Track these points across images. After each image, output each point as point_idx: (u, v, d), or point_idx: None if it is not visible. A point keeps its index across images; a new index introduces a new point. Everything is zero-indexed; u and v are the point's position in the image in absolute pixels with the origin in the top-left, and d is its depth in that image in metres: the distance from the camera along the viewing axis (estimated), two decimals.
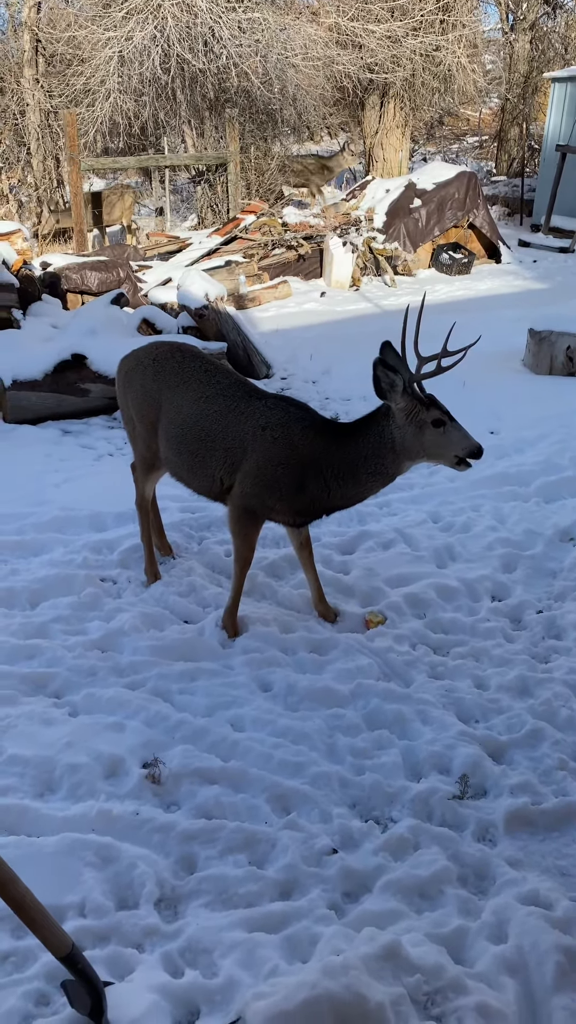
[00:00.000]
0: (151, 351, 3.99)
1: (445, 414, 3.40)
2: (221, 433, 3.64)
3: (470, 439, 3.40)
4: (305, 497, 3.60)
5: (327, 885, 2.58)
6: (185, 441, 3.74)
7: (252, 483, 3.60)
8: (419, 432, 3.40)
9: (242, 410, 3.63)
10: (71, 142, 12.04)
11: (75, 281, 8.90)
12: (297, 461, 3.53)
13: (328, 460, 3.52)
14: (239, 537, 3.75)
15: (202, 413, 3.69)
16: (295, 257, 11.60)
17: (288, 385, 7.86)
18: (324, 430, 3.58)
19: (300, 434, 3.54)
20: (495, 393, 7.16)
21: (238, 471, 3.63)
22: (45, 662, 3.57)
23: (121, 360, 4.12)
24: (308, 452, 3.52)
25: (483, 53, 18.91)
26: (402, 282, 11.73)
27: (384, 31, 13.57)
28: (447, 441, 3.40)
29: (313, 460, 3.53)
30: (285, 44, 12.83)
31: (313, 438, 3.54)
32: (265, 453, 3.55)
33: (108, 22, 12.75)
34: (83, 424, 6.75)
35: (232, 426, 3.62)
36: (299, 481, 3.55)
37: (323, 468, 3.53)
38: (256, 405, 3.63)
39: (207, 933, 2.40)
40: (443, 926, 2.43)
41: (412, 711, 3.31)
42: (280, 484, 3.57)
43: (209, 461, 3.69)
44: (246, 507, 3.66)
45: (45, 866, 2.56)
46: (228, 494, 3.72)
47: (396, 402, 3.40)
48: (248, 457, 3.59)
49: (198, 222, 15.72)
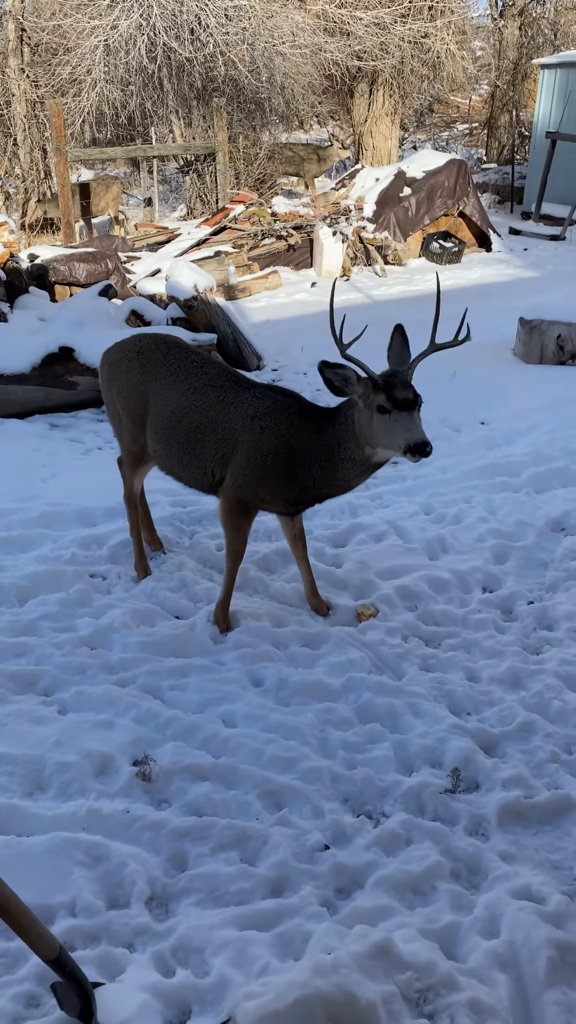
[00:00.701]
0: (135, 344, 3.95)
1: (393, 401, 3.23)
2: (211, 425, 3.61)
3: (413, 432, 3.21)
4: (295, 486, 3.57)
5: (319, 882, 2.57)
6: (175, 434, 3.71)
7: (243, 474, 3.57)
8: (370, 416, 3.30)
9: (231, 401, 3.60)
10: (58, 132, 11.93)
11: (63, 273, 8.83)
12: (286, 450, 3.50)
13: (312, 447, 3.48)
14: (231, 530, 3.72)
15: (191, 405, 3.66)
16: (285, 247, 11.54)
17: (279, 376, 7.82)
18: (310, 416, 3.54)
19: (287, 422, 3.51)
20: (485, 383, 7.14)
21: (230, 462, 3.60)
22: (34, 659, 3.54)
23: (104, 353, 4.08)
24: (296, 440, 3.49)
25: (472, 40, 18.82)
26: (392, 271, 11.68)
27: (372, 18, 13.46)
28: (389, 429, 3.25)
29: (301, 447, 3.49)
30: (272, 32, 12.72)
31: (300, 425, 3.51)
32: (255, 443, 3.53)
33: (93, 10, 12.62)
34: (71, 417, 6.70)
35: (222, 417, 3.59)
36: (289, 470, 3.52)
37: (308, 455, 3.49)
38: (245, 395, 3.60)
39: (198, 932, 2.39)
40: (435, 922, 2.42)
41: (404, 704, 3.30)
42: (271, 474, 3.54)
43: (200, 453, 3.66)
44: (238, 499, 3.63)
45: (35, 866, 2.55)
46: (220, 486, 3.70)
47: (355, 391, 3.34)
48: (239, 448, 3.56)
49: (187, 212, 15.62)
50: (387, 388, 3.26)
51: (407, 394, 3.26)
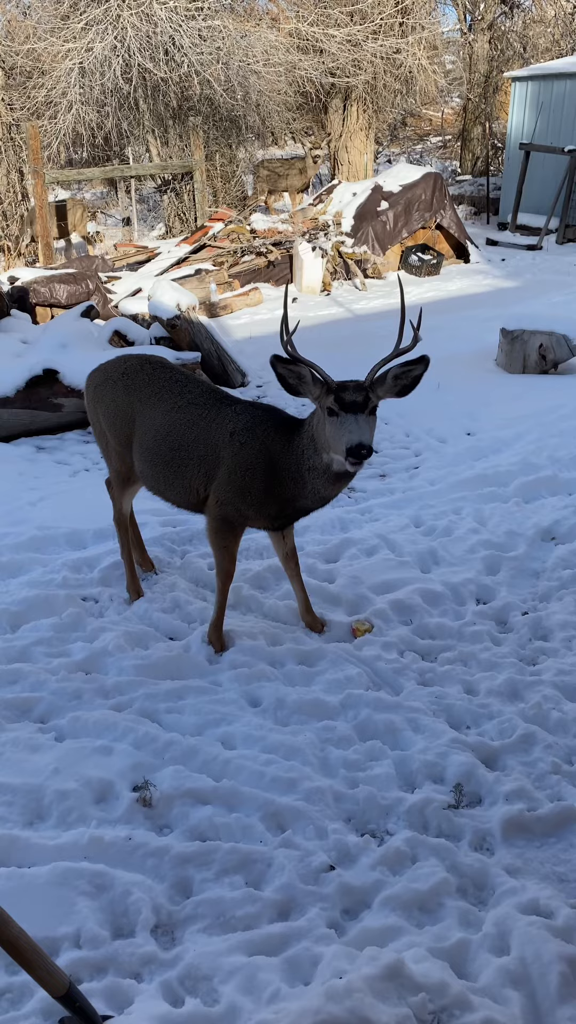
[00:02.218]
0: (120, 365, 3.95)
1: (341, 403, 3.13)
2: (194, 443, 3.61)
3: (353, 433, 3.09)
4: (274, 500, 3.56)
5: (326, 903, 2.55)
6: (160, 453, 3.70)
7: (225, 491, 3.57)
8: (323, 420, 3.23)
9: (213, 418, 3.60)
10: (34, 155, 11.95)
11: (43, 295, 8.82)
12: (264, 464, 3.49)
13: (284, 458, 3.46)
14: (219, 549, 3.71)
15: (175, 423, 3.66)
16: (265, 263, 11.59)
17: (264, 392, 7.83)
18: (285, 428, 3.51)
19: (264, 436, 3.50)
20: (470, 394, 7.18)
21: (213, 480, 3.60)
22: (28, 686, 3.51)
23: (89, 375, 4.07)
24: (272, 453, 3.48)
25: (443, 54, 19.04)
26: (372, 285, 11.75)
27: (344, 35, 13.60)
28: (335, 431, 3.15)
29: (276, 460, 3.48)
30: (246, 51, 12.82)
31: (275, 438, 3.49)
32: (234, 459, 3.53)
33: (67, 34, 12.68)
34: (57, 440, 6.68)
35: (204, 435, 3.59)
36: (267, 484, 3.51)
37: (281, 467, 3.47)
38: (226, 412, 3.60)
39: (206, 959, 2.36)
40: (445, 940, 2.40)
41: (403, 720, 3.28)
42: (251, 489, 3.53)
43: (185, 472, 3.66)
44: (222, 517, 3.62)
45: (38, 897, 2.51)
46: (206, 505, 3.69)
47: (311, 392, 3.27)
48: (220, 465, 3.56)
49: (166, 231, 15.67)
50: (338, 390, 3.19)
51: (356, 396, 3.16)
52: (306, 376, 3.26)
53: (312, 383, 3.28)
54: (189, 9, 12.62)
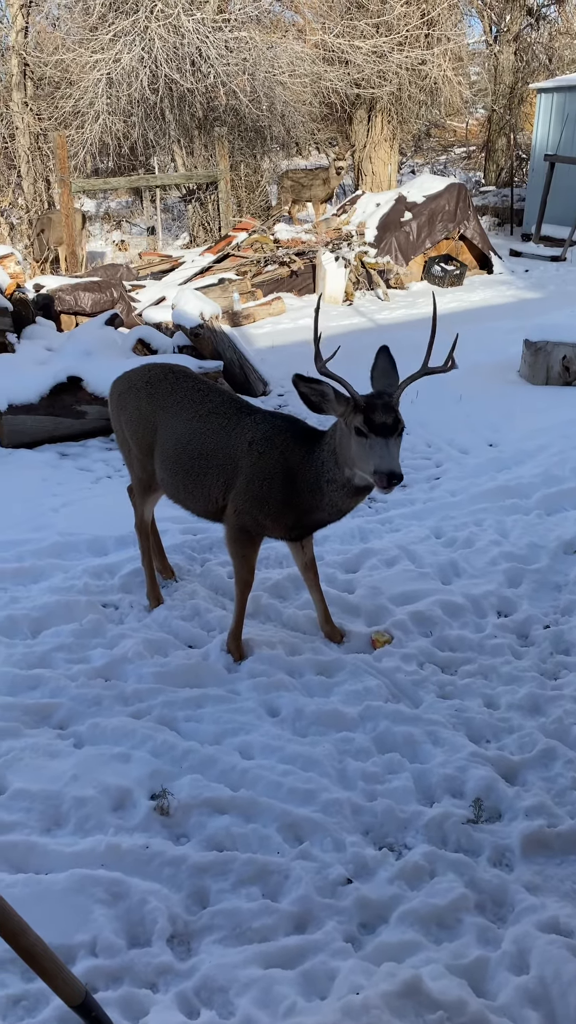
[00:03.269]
0: (144, 373, 3.97)
1: (371, 425, 3.10)
2: (214, 451, 3.61)
3: (384, 460, 3.07)
4: (292, 511, 3.55)
5: (343, 916, 2.53)
6: (180, 461, 3.71)
7: (243, 500, 3.57)
8: (349, 437, 3.19)
9: (233, 427, 3.61)
10: (61, 164, 12.07)
11: (68, 302, 8.90)
12: (282, 474, 3.48)
13: (303, 469, 3.45)
14: (237, 558, 3.71)
15: (196, 432, 3.67)
16: (288, 273, 11.61)
17: (285, 402, 7.84)
18: (304, 439, 3.49)
19: (283, 446, 3.49)
20: (492, 405, 7.14)
21: (232, 489, 3.60)
22: (48, 692, 3.52)
23: (113, 383, 4.10)
24: (291, 463, 3.47)
25: (468, 65, 19.04)
26: (395, 295, 11.74)
27: (370, 47, 13.64)
28: (363, 453, 3.13)
29: (294, 471, 3.47)
30: (272, 62, 12.89)
31: (294, 448, 3.48)
32: (252, 468, 3.53)
33: (96, 45, 12.81)
34: (80, 446, 6.71)
35: (224, 443, 3.60)
36: (285, 495, 3.50)
37: (300, 478, 3.46)
38: (245, 421, 3.61)
39: (222, 970, 2.35)
40: (463, 957, 2.38)
41: (422, 733, 3.26)
42: (268, 499, 3.53)
43: (205, 480, 3.66)
44: (240, 526, 3.62)
45: (54, 904, 2.51)
46: (224, 514, 3.70)
47: (335, 410, 3.23)
48: (239, 474, 3.56)
49: (190, 240, 15.76)
50: (367, 410, 3.13)
51: (386, 419, 3.12)
52: (329, 394, 3.21)
53: (336, 400, 3.22)
54: (216, 21, 12.72)
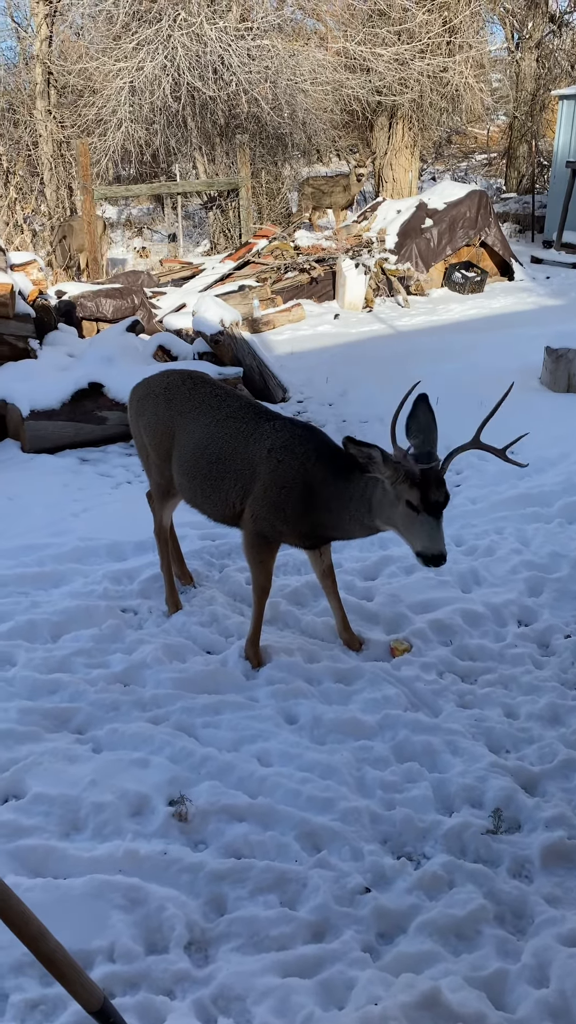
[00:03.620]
0: (162, 379, 3.99)
1: (426, 503, 3.13)
2: (232, 456, 3.62)
3: (436, 543, 3.14)
4: (307, 521, 3.55)
5: (360, 926, 2.52)
6: (198, 466, 3.72)
7: (260, 506, 3.57)
8: (395, 503, 3.22)
9: (251, 432, 3.61)
10: (84, 171, 12.16)
11: (90, 309, 8.95)
12: (300, 484, 3.48)
13: (324, 490, 3.46)
14: (255, 564, 3.72)
15: (213, 437, 3.68)
16: (308, 280, 11.63)
17: (304, 408, 7.85)
18: (328, 456, 3.49)
19: (303, 457, 3.50)
20: (513, 412, 7.06)
21: (249, 494, 3.60)
22: (68, 697, 3.53)
23: (133, 389, 4.12)
24: (310, 477, 3.48)
25: (490, 72, 19.01)
26: (415, 302, 11.72)
27: (392, 54, 13.65)
28: (413, 528, 3.18)
29: (313, 486, 3.48)
30: (294, 70, 12.92)
31: (316, 463, 3.48)
32: (270, 475, 3.53)
33: (119, 53, 12.90)
34: (100, 452, 6.75)
35: (242, 449, 3.60)
36: (302, 505, 3.51)
37: (319, 496, 3.47)
38: (264, 427, 3.61)
39: (239, 979, 2.34)
40: (482, 969, 2.36)
41: (441, 742, 3.25)
42: (284, 507, 3.53)
43: (222, 485, 3.67)
44: (257, 531, 3.63)
45: (73, 909, 2.52)
46: (241, 519, 3.70)
47: (381, 472, 3.22)
48: (257, 480, 3.56)
49: (211, 247, 15.82)
50: (423, 486, 3.12)
51: (439, 496, 3.15)
52: (377, 458, 3.19)
53: (384, 463, 3.19)
54: (239, 29, 12.78)
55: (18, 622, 4.00)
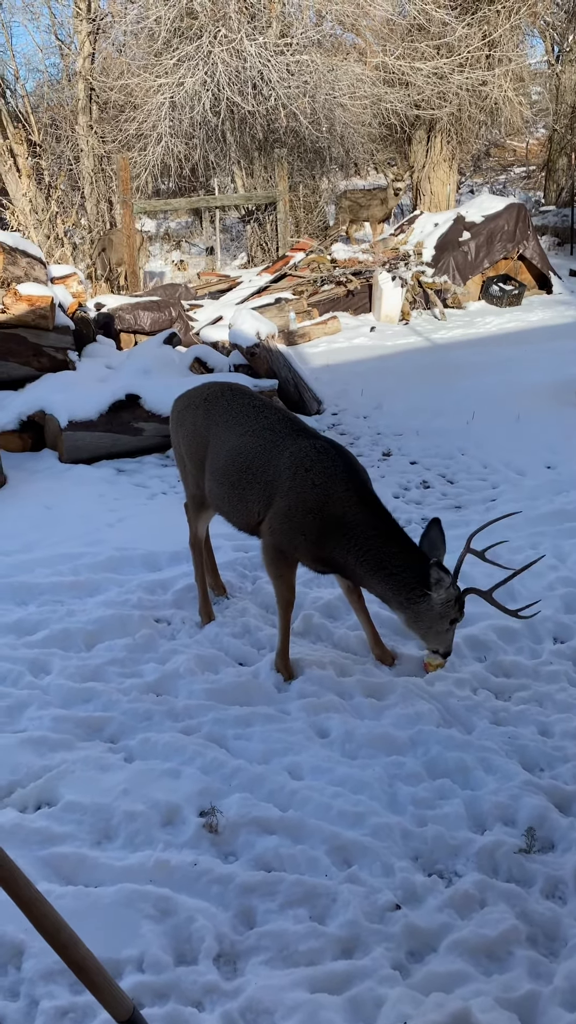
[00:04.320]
0: (203, 391, 4.02)
1: (462, 616, 3.57)
2: (262, 466, 3.62)
3: (452, 644, 3.65)
4: (325, 550, 3.56)
5: (391, 943, 2.49)
6: (227, 473, 3.74)
7: (280, 522, 3.58)
8: (438, 619, 3.50)
9: (287, 446, 3.60)
10: (124, 185, 12.33)
11: (128, 321, 9.06)
12: (327, 514, 3.47)
13: (359, 537, 3.46)
14: (275, 578, 3.72)
15: (246, 446, 3.69)
16: (344, 293, 11.66)
17: (339, 420, 7.86)
18: (368, 504, 3.51)
19: (341, 491, 3.48)
20: (550, 426, 7.05)
21: (271, 506, 3.61)
22: (101, 706, 3.56)
23: (175, 400, 4.17)
24: (340, 513, 3.47)
25: (529, 85, 18.95)
26: (452, 315, 11.70)
27: (431, 68, 13.68)
28: (443, 636, 3.57)
29: (343, 524, 3.46)
30: (333, 84, 13.01)
31: (353, 504, 3.48)
32: (300, 495, 3.51)
33: (160, 69, 13.09)
34: (136, 463, 6.81)
35: (274, 460, 3.59)
36: (323, 533, 3.50)
37: (352, 539, 3.47)
38: (303, 444, 3.58)
39: (268, 992, 2.33)
40: (513, 991, 2.32)
41: (474, 759, 3.21)
42: (305, 530, 3.53)
43: (248, 494, 3.68)
44: (276, 546, 3.63)
45: (103, 918, 2.53)
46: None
47: (438, 594, 3.43)
48: (282, 494, 3.56)
49: (248, 260, 15.93)
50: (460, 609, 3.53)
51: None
52: (444, 582, 3.43)
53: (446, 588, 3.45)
54: (278, 45, 12.90)
55: (53, 630, 4.04)
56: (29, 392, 6.97)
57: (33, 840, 2.80)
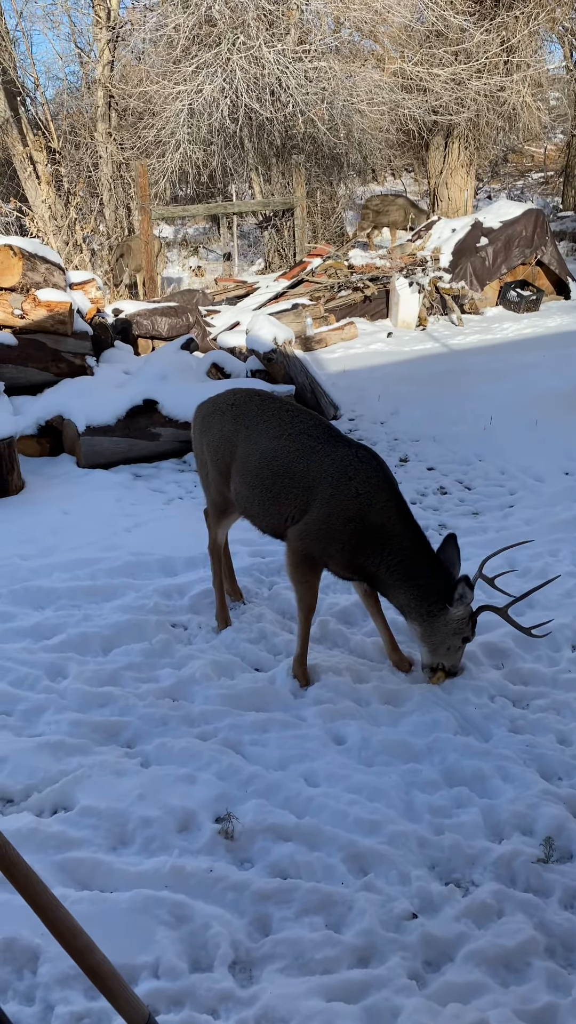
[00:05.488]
0: (229, 397, 4.02)
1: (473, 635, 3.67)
2: (302, 472, 3.60)
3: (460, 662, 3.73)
4: (359, 559, 3.58)
5: (407, 952, 2.48)
6: (261, 476, 3.72)
7: (316, 528, 3.56)
8: (451, 635, 3.59)
9: (327, 453, 3.59)
10: (142, 192, 12.39)
11: (146, 327, 9.09)
12: (367, 523, 3.50)
13: (394, 547, 3.52)
14: (300, 584, 3.71)
15: (282, 449, 3.67)
16: (361, 298, 11.65)
17: (356, 426, 7.85)
18: (404, 514, 3.57)
19: (383, 502, 3.52)
20: (568, 432, 7.01)
21: (306, 512, 3.60)
22: (117, 710, 3.56)
23: (198, 406, 4.17)
24: (380, 523, 3.50)
25: (548, 91, 18.90)
26: (469, 320, 11.67)
27: (449, 74, 13.67)
28: (455, 652, 3.65)
29: (381, 534, 3.51)
30: (351, 91, 13.03)
31: (392, 514, 3.53)
32: (342, 503, 3.51)
33: (178, 77, 13.15)
34: (153, 468, 6.83)
35: (314, 466, 3.58)
36: (360, 542, 3.53)
37: (387, 549, 3.52)
38: (345, 452, 3.58)
39: (283, 1000, 2.32)
40: (531, 1002, 2.30)
41: (492, 767, 3.19)
42: (344, 538, 3.54)
43: (283, 498, 3.66)
44: (306, 553, 3.62)
45: (119, 923, 2.52)
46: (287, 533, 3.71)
47: (457, 610, 3.53)
48: (320, 502, 3.55)
49: (265, 266, 15.97)
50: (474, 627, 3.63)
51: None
52: (467, 599, 3.54)
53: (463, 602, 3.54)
54: (296, 51, 12.94)
55: (70, 635, 4.06)
56: (47, 397, 7.01)
57: (49, 845, 2.80)
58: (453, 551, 3.66)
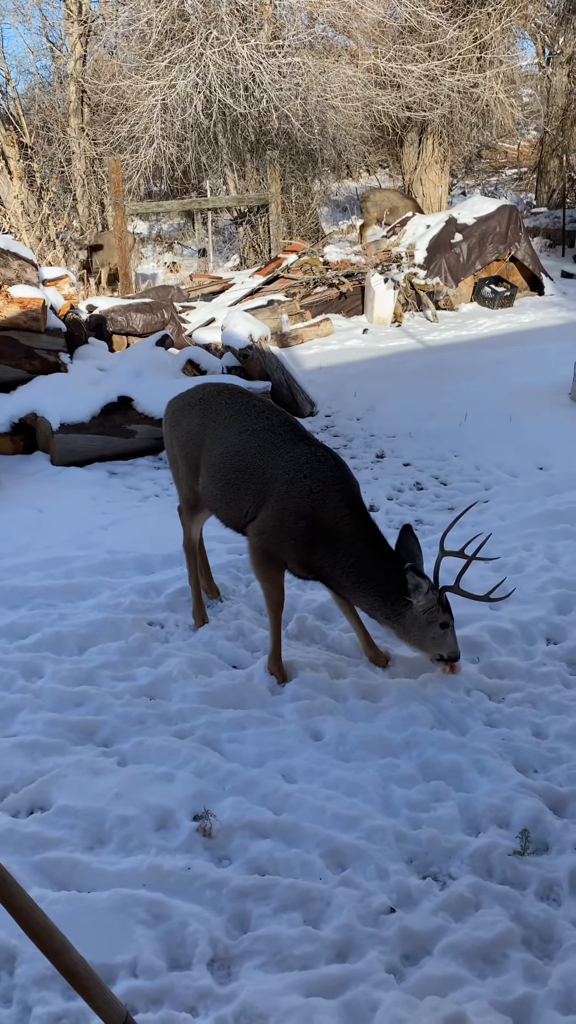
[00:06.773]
0: (198, 391, 4.02)
1: (451, 617, 3.55)
2: (260, 467, 3.62)
3: (456, 646, 3.60)
4: (312, 557, 3.57)
5: (385, 947, 2.49)
6: (223, 470, 3.73)
7: (271, 524, 3.58)
8: (426, 625, 3.51)
9: (287, 449, 3.60)
10: (116, 188, 12.32)
11: (120, 323, 9.04)
12: (319, 522, 3.50)
13: (348, 548, 3.50)
14: (264, 581, 3.72)
15: (244, 444, 3.68)
16: (337, 295, 11.66)
17: (332, 423, 7.86)
18: (358, 516, 3.56)
19: (336, 501, 3.52)
20: (542, 428, 7.06)
21: (262, 507, 3.60)
22: (93, 709, 3.54)
23: (169, 402, 4.15)
24: (333, 522, 3.50)
25: (521, 87, 19.00)
26: (444, 316, 11.71)
27: (422, 70, 13.70)
28: (442, 641, 3.55)
29: (334, 533, 3.50)
30: (325, 86, 13.02)
31: (345, 515, 3.52)
32: (295, 500, 3.52)
33: (151, 72, 13.08)
34: (129, 465, 6.80)
35: (272, 462, 3.59)
36: (312, 539, 3.53)
37: (340, 549, 3.51)
38: (302, 449, 3.59)
39: (262, 997, 2.32)
40: (508, 993, 2.32)
41: (468, 761, 3.21)
42: (296, 534, 3.55)
43: (242, 493, 3.67)
44: (263, 548, 3.64)
45: (96, 923, 2.51)
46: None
47: (417, 600, 3.46)
48: (276, 497, 3.55)
49: (240, 262, 15.94)
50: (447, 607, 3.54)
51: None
52: (423, 587, 3.45)
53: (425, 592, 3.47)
54: (270, 47, 12.91)
55: (45, 634, 4.03)
56: (20, 394, 6.95)
57: (25, 845, 2.78)
58: (413, 543, 3.61)
